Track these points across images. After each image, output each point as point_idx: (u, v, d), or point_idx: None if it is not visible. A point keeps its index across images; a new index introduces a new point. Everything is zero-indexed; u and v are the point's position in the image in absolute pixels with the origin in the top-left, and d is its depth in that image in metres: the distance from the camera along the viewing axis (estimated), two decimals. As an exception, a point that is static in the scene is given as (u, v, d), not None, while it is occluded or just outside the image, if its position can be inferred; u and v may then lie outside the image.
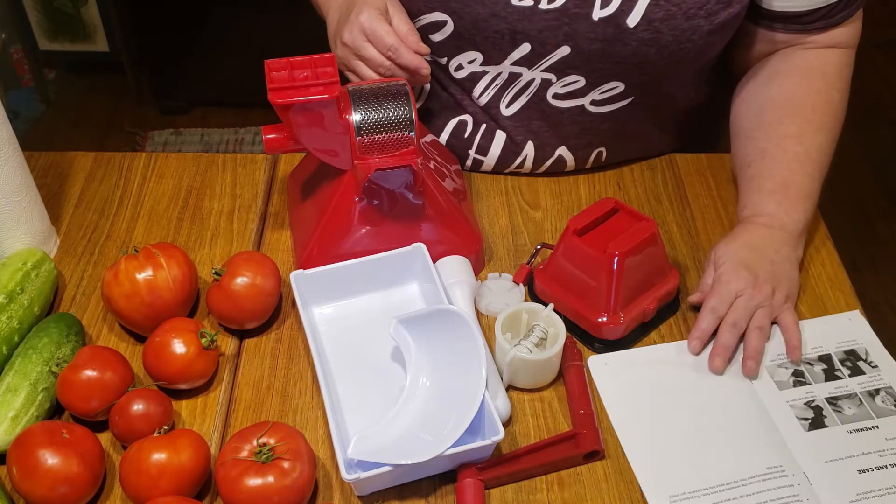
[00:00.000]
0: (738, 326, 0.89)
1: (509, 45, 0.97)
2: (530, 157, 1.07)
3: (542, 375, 0.87)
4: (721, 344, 0.88)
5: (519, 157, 1.07)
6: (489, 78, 1.02)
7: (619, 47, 0.94)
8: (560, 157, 1.07)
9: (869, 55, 2.79)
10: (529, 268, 0.97)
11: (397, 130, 0.88)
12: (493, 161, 1.08)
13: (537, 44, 0.96)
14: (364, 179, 0.89)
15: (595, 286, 0.89)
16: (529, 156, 1.06)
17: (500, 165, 1.08)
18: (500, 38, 0.97)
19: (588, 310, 0.90)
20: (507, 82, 1.01)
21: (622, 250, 0.86)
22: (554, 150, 1.06)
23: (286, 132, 0.90)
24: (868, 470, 0.81)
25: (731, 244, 0.93)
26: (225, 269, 0.90)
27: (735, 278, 0.90)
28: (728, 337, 0.88)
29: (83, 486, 0.77)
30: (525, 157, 1.07)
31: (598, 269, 0.88)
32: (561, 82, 0.99)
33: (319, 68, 0.86)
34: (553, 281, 0.93)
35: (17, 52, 2.57)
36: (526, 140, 1.05)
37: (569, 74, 0.99)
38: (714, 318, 0.89)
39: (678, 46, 0.94)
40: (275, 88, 0.85)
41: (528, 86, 1.01)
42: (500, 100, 1.03)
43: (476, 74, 1.02)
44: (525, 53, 0.98)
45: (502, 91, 1.02)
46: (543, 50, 0.97)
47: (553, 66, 0.98)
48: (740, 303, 0.89)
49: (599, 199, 0.93)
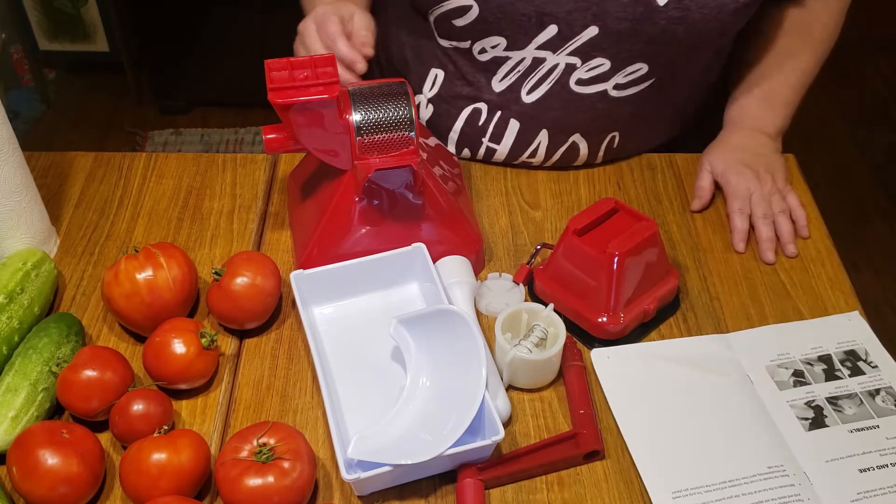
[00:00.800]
0: (767, 216, 1.01)
1: (536, 27, 0.98)
2: (543, 145, 1.07)
3: (542, 375, 0.87)
4: (766, 238, 1.00)
5: (532, 144, 1.07)
6: (512, 63, 1.02)
7: (647, 26, 0.95)
8: (573, 144, 1.07)
9: (869, 55, 2.79)
10: (529, 268, 0.97)
11: (397, 130, 0.88)
12: (507, 150, 1.08)
13: (564, 25, 0.97)
14: (364, 179, 0.89)
15: (595, 286, 0.89)
16: (543, 143, 1.07)
17: (512, 155, 1.09)
18: (526, 20, 0.97)
19: (588, 310, 0.90)
20: (530, 68, 1.02)
21: (622, 250, 0.86)
22: (568, 137, 1.07)
23: (286, 132, 0.90)
24: (869, 469, 0.81)
25: (722, 150, 1.06)
26: (225, 269, 0.90)
27: (742, 178, 1.03)
28: (765, 230, 1.01)
29: (83, 486, 0.77)
30: (538, 145, 1.07)
31: (598, 269, 0.88)
32: (586, 66, 1.00)
33: (319, 68, 0.86)
34: (553, 281, 0.93)
35: (17, 52, 2.57)
36: (541, 128, 1.06)
37: (594, 57, 0.99)
38: (745, 216, 1.02)
39: (705, 25, 0.96)
40: (275, 88, 0.85)
41: (552, 72, 1.01)
42: (522, 86, 1.03)
43: (499, 59, 1.02)
44: (551, 36, 0.98)
45: (524, 78, 1.03)
46: (570, 32, 0.97)
47: (579, 49, 0.98)
48: (756, 197, 1.02)
49: (599, 199, 0.93)
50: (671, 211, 1.06)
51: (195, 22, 2.48)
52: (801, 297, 0.97)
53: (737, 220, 1.02)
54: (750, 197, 1.02)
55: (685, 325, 0.94)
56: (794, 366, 0.90)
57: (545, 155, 1.08)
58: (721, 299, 0.97)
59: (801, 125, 2.77)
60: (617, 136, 1.08)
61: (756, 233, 1.02)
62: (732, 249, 1.02)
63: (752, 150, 1.06)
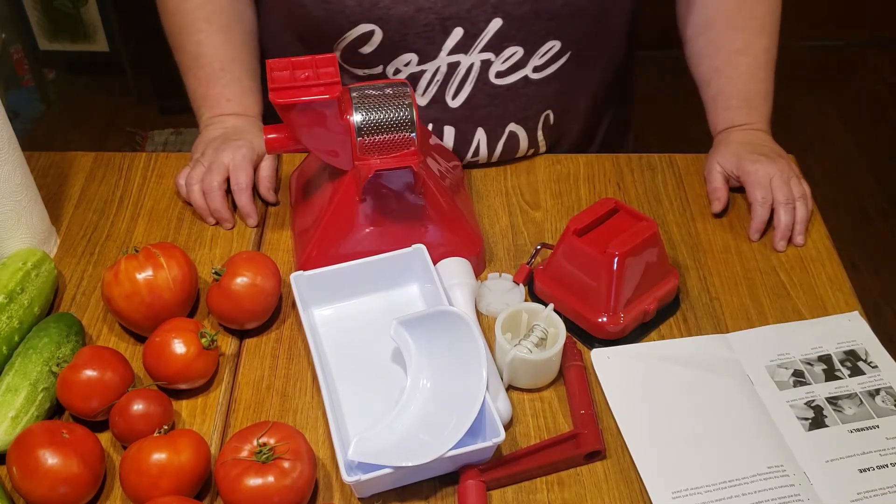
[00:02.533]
0: (790, 202, 1.01)
1: (441, 34, 0.98)
2: (483, 142, 1.08)
3: (543, 375, 0.87)
4: (785, 226, 1.00)
5: (472, 144, 1.08)
6: (428, 76, 1.02)
7: (546, 4, 0.97)
8: (511, 134, 1.08)
9: (869, 55, 2.79)
10: (529, 268, 0.97)
11: (398, 131, 0.88)
12: None
13: (468, 25, 0.98)
14: (364, 180, 0.89)
15: (595, 286, 0.89)
16: (482, 140, 1.08)
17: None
18: (430, 30, 0.98)
19: (588, 310, 0.90)
20: (448, 74, 1.02)
21: (622, 250, 0.86)
22: (504, 128, 1.07)
23: (287, 132, 0.90)
24: (868, 469, 0.81)
25: (725, 152, 1.05)
26: (225, 270, 0.90)
27: (759, 165, 1.02)
28: (786, 216, 1.00)
29: (83, 486, 0.77)
30: (478, 143, 1.08)
31: (598, 269, 0.88)
32: (500, 58, 1.01)
33: (321, 69, 0.86)
34: (553, 281, 0.93)
35: (17, 52, 2.57)
36: (476, 126, 1.06)
37: (506, 48, 1.00)
38: (767, 206, 1.01)
39: None
40: (276, 88, 0.85)
41: (469, 72, 1.02)
42: (445, 94, 1.04)
43: (415, 75, 1.03)
44: (459, 39, 0.99)
45: (445, 85, 1.03)
46: (476, 29, 0.98)
47: (489, 44, 0.99)
48: (777, 182, 1.01)
49: (599, 199, 0.93)
50: (671, 211, 1.06)
51: (195, 22, 2.47)
52: (801, 297, 0.97)
53: (759, 210, 1.01)
54: (770, 182, 1.01)
55: (685, 325, 0.94)
56: (794, 366, 0.90)
57: (487, 151, 1.09)
58: (721, 299, 0.97)
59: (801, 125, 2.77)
60: (550, 113, 1.09)
61: (776, 219, 1.01)
62: (732, 250, 1.02)
63: (756, 142, 1.06)
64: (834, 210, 1.51)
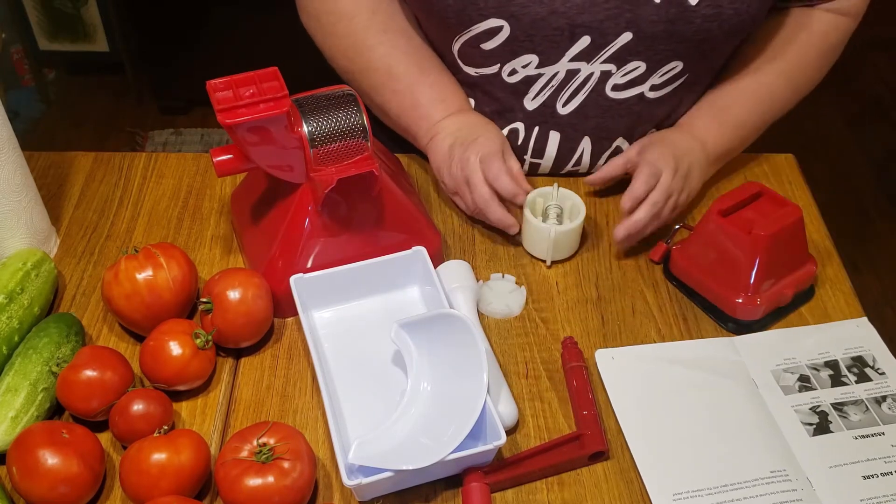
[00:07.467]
0: (657, 204, 0.95)
1: (568, 40, 0.96)
2: (587, 152, 1.06)
3: (574, 245, 0.99)
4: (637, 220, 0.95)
5: (576, 153, 1.06)
6: (544, 80, 1.00)
7: (682, 26, 0.94)
8: (618, 148, 1.06)
9: (869, 55, 2.79)
10: (667, 246, 0.99)
11: (351, 138, 0.87)
12: (551, 162, 1.07)
13: (598, 35, 0.96)
14: (325, 190, 0.86)
15: (735, 267, 0.90)
16: (586, 150, 1.06)
17: (557, 165, 1.08)
18: (558, 34, 0.96)
19: (726, 290, 0.91)
20: (564, 81, 1.00)
21: (768, 232, 0.87)
22: (612, 142, 1.06)
23: (236, 152, 0.87)
24: (872, 476, 0.81)
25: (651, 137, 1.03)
26: (212, 306, 0.88)
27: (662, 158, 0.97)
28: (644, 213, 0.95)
29: (83, 486, 0.77)
30: (582, 152, 1.06)
31: (742, 249, 0.89)
32: (621, 71, 0.99)
33: (264, 83, 0.84)
34: (690, 260, 0.94)
35: (17, 52, 2.57)
36: (582, 135, 1.05)
37: (629, 62, 0.98)
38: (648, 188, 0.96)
39: (738, 19, 0.95)
40: (222, 110, 0.82)
41: (587, 81, 1.00)
42: (557, 100, 1.02)
43: (530, 78, 1.00)
44: (584, 47, 0.97)
45: (558, 91, 1.01)
46: (604, 40, 0.96)
47: (614, 56, 0.97)
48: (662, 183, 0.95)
49: (744, 183, 0.95)
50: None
51: (195, 22, 2.47)
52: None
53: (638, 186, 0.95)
54: (659, 175, 0.96)
55: (693, 324, 0.94)
56: (800, 371, 0.89)
57: (590, 162, 1.07)
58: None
59: (801, 125, 2.78)
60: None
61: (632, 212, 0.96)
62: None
63: (685, 157, 0.99)
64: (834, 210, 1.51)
